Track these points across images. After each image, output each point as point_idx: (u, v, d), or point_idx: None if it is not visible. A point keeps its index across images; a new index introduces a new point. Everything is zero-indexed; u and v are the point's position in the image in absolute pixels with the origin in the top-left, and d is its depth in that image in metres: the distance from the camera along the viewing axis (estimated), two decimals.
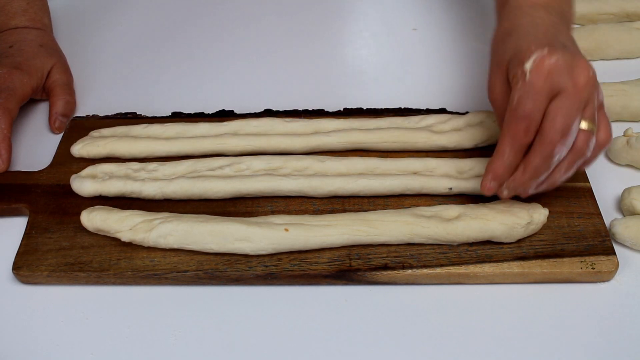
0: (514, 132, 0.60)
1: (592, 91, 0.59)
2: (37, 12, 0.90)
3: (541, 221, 0.67)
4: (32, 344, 0.63)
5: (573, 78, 0.58)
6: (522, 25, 0.65)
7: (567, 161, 0.61)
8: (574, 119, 0.58)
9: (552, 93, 0.59)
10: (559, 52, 0.59)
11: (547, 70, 0.58)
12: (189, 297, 0.66)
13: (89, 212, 0.68)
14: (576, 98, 0.58)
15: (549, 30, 0.64)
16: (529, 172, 0.61)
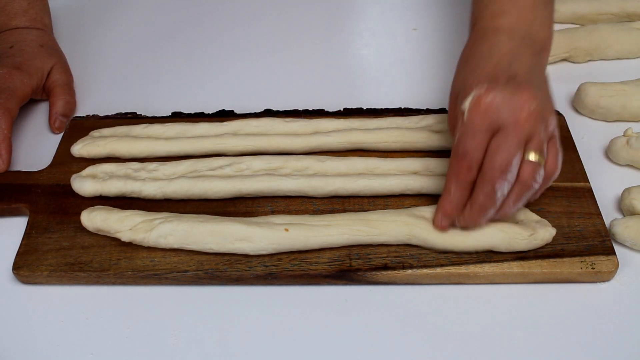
0: (456, 170, 0.62)
1: (536, 124, 0.59)
2: (38, 12, 0.90)
3: (545, 239, 0.67)
4: (32, 344, 0.63)
5: (513, 114, 0.59)
6: (478, 53, 0.65)
7: (515, 194, 0.61)
8: (514, 154, 0.59)
9: (492, 130, 0.59)
10: (498, 89, 0.59)
11: (484, 108, 0.59)
12: (189, 297, 0.66)
13: (89, 212, 0.68)
14: (516, 134, 0.59)
15: (503, 59, 0.63)
16: (475, 209, 0.62)
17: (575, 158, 0.76)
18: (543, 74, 0.65)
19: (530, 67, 0.63)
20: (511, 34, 0.66)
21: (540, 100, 0.60)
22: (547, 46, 0.69)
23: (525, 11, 0.67)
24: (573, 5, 0.96)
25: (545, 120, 0.60)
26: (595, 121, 0.83)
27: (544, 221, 0.68)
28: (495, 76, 0.61)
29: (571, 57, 0.91)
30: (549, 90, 0.65)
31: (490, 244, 0.66)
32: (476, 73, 0.63)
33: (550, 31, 0.69)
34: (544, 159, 0.60)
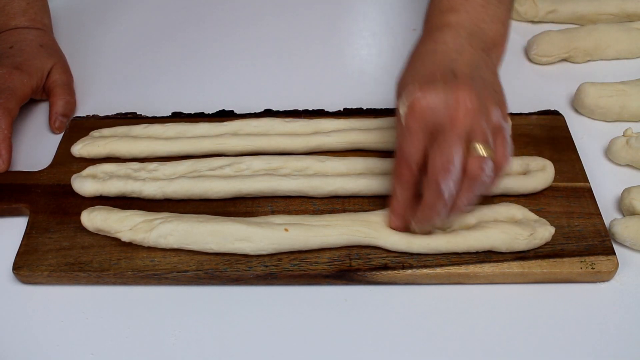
0: (398, 173, 0.63)
1: (476, 119, 0.59)
2: (37, 12, 0.90)
3: (545, 237, 0.67)
4: (32, 344, 0.63)
5: (449, 113, 0.59)
6: (423, 51, 0.65)
7: (465, 190, 0.61)
8: (454, 152, 0.59)
9: (430, 131, 0.60)
10: (433, 90, 0.59)
11: (419, 110, 0.59)
12: (189, 297, 0.66)
13: (90, 212, 0.68)
14: (454, 132, 0.59)
15: (445, 57, 0.63)
16: (426, 209, 0.62)
17: (575, 158, 0.76)
18: (491, 70, 0.65)
19: (475, 64, 0.63)
20: (458, 30, 0.65)
21: (478, 95, 0.59)
22: (499, 43, 0.68)
23: (475, 7, 0.67)
24: (573, 5, 0.96)
25: (486, 113, 0.60)
26: (595, 121, 0.84)
27: (543, 220, 0.68)
28: (433, 75, 0.61)
29: (571, 57, 0.91)
30: (498, 85, 0.65)
31: (490, 245, 0.66)
32: (417, 72, 0.63)
33: (505, 28, 0.69)
34: (491, 151, 0.60)
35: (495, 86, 0.64)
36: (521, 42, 0.95)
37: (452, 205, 0.62)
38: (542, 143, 0.78)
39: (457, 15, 0.67)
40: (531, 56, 0.92)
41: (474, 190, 0.61)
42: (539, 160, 0.73)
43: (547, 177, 0.72)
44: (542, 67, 0.92)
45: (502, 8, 0.69)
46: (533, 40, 0.92)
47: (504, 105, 0.64)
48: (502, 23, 0.68)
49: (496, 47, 0.68)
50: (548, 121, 0.80)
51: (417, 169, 0.61)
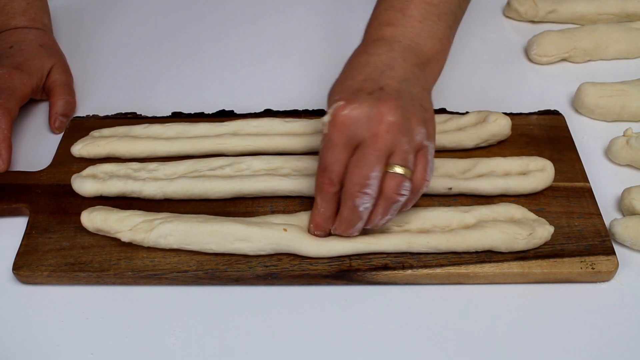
0: (319, 183, 0.62)
1: (397, 136, 0.59)
2: (37, 12, 0.89)
3: (544, 237, 0.66)
4: (32, 344, 0.63)
5: (371, 127, 0.59)
6: (356, 62, 0.65)
7: (381, 207, 0.61)
8: (372, 169, 0.59)
9: (351, 144, 0.60)
10: (357, 102, 0.59)
11: (341, 123, 0.59)
12: (189, 297, 0.66)
13: (89, 212, 0.68)
14: (374, 148, 0.58)
15: (376, 70, 0.63)
16: (342, 221, 0.63)
17: (575, 158, 0.76)
18: (422, 86, 0.64)
19: (405, 78, 0.63)
20: (392, 44, 0.65)
21: (403, 112, 0.59)
22: (435, 59, 0.68)
23: (412, 22, 0.67)
24: (573, 5, 0.96)
25: (409, 131, 0.60)
26: (595, 121, 0.84)
27: (542, 220, 0.68)
28: (361, 88, 0.61)
29: (571, 57, 0.91)
30: (427, 101, 0.64)
31: (489, 244, 0.66)
32: (345, 84, 0.63)
33: (442, 45, 0.68)
34: (409, 171, 0.60)
35: (424, 102, 0.63)
36: (521, 42, 0.95)
37: (368, 219, 0.62)
38: (542, 143, 0.78)
39: (393, 29, 0.67)
40: (531, 56, 0.92)
41: (389, 208, 0.61)
42: (539, 160, 0.73)
43: (547, 177, 0.72)
44: (542, 67, 0.92)
45: (441, 25, 0.68)
46: (533, 40, 0.92)
47: (431, 123, 0.63)
48: (440, 40, 0.68)
49: (431, 63, 0.67)
50: (548, 121, 0.80)
51: (338, 181, 0.61)
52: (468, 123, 0.78)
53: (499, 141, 0.78)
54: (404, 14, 0.67)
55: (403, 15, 0.67)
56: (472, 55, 0.94)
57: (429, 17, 0.67)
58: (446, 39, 0.69)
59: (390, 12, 0.68)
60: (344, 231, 0.64)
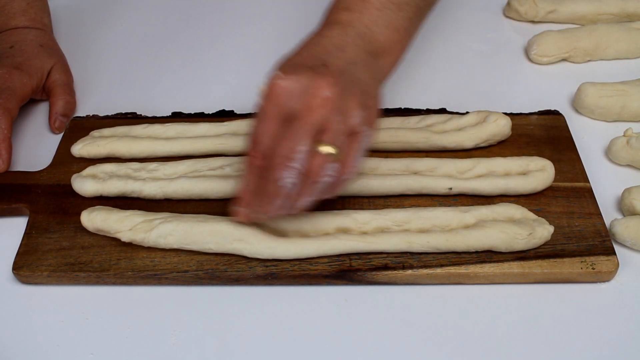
0: (250, 155, 0.60)
1: (331, 112, 0.57)
2: (37, 12, 0.89)
3: (544, 237, 0.66)
4: (32, 344, 0.63)
5: (304, 100, 0.57)
6: (307, 43, 0.64)
7: (303, 186, 0.59)
8: (300, 142, 0.56)
9: (284, 117, 0.57)
10: (295, 75, 0.57)
11: (275, 94, 0.57)
12: (189, 297, 0.66)
13: (89, 212, 0.68)
14: (305, 121, 0.56)
15: (321, 51, 0.61)
16: (263, 196, 0.60)
17: (575, 158, 0.76)
18: (371, 73, 0.63)
19: (353, 62, 0.61)
20: (347, 28, 0.64)
21: (341, 90, 0.57)
22: (391, 49, 0.66)
23: (370, 9, 0.65)
24: (573, 5, 0.96)
25: (345, 111, 0.58)
26: (595, 121, 0.84)
27: (542, 220, 0.68)
28: (303, 63, 0.59)
29: (571, 57, 0.91)
30: (374, 89, 0.62)
31: (489, 244, 0.66)
32: (289, 59, 0.61)
33: (399, 35, 0.66)
34: (337, 152, 0.58)
35: (370, 89, 0.62)
36: (521, 42, 0.95)
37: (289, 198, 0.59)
38: (542, 143, 0.78)
39: (350, 14, 0.65)
40: (531, 56, 0.92)
41: (312, 189, 0.59)
42: (539, 160, 0.73)
43: (547, 177, 0.72)
44: (542, 67, 0.92)
45: (401, 15, 0.67)
46: (533, 40, 0.92)
47: (373, 111, 0.61)
48: (397, 30, 0.66)
49: (386, 53, 0.66)
50: (548, 121, 0.80)
51: (266, 155, 0.58)
52: (468, 123, 0.78)
53: (499, 141, 0.78)
54: (363, 0, 0.66)
55: (362, 1, 0.66)
56: (472, 55, 0.94)
57: (388, 5, 0.66)
58: (404, 29, 0.67)
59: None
60: (264, 208, 0.61)
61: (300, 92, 0.57)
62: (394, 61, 0.67)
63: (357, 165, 0.60)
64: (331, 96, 0.57)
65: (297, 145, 0.56)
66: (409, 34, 0.68)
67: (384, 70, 0.66)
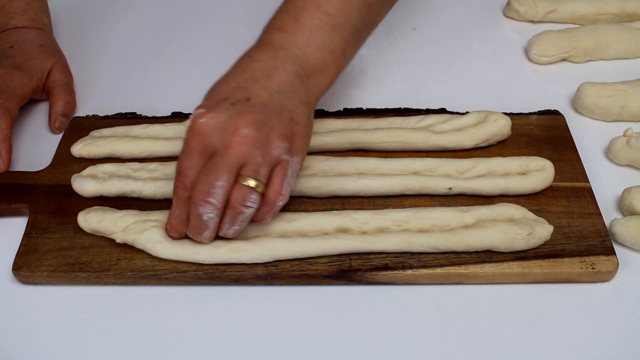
0: (175, 187, 0.62)
1: (250, 149, 0.59)
2: (37, 11, 0.89)
3: (544, 236, 0.66)
4: (32, 344, 0.63)
5: (224, 138, 0.59)
6: (237, 66, 0.65)
7: (228, 216, 0.62)
8: (218, 179, 0.59)
9: (207, 152, 0.60)
10: (216, 112, 0.59)
11: (197, 130, 0.59)
12: (189, 297, 0.66)
13: (85, 213, 0.68)
14: (224, 159, 0.59)
15: (249, 80, 0.62)
16: (191, 228, 0.63)
17: (575, 158, 0.76)
18: (299, 98, 0.64)
19: (279, 90, 0.62)
20: (277, 50, 0.64)
21: (262, 125, 0.59)
22: (323, 71, 0.66)
23: (303, 31, 0.66)
24: (573, 5, 0.96)
25: (265, 145, 0.60)
26: (595, 121, 0.84)
27: (541, 219, 0.68)
28: (227, 97, 0.61)
29: (571, 57, 0.91)
30: (301, 114, 0.63)
31: (489, 244, 0.66)
32: (217, 89, 0.63)
33: (333, 57, 0.67)
34: (260, 184, 0.60)
35: (295, 116, 0.63)
36: (521, 42, 0.95)
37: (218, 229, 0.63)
38: (542, 143, 0.78)
39: (282, 35, 0.66)
40: (531, 56, 0.92)
41: (236, 219, 0.61)
42: (539, 160, 0.73)
43: (547, 177, 0.72)
44: (542, 67, 0.92)
45: (335, 37, 0.67)
46: (533, 40, 0.92)
47: (299, 137, 0.63)
48: (330, 51, 0.66)
49: (318, 74, 0.66)
50: (548, 121, 0.80)
51: (190, 187, 0.61)
52: (468, 123, 0.78)
53: (499, 141, 0.78)
54: (297, 20, 0.66)
55: (295, 22, 0.66)
56: (472, 55, 0.94)
57: (321, 27, 0.66)
58: (339, 51, 0.67)
59: (284, 17, 0.67)
60: (194, 237, 0.64)
61: (219, 130, 0.59)
62: (327, 81, 0.68)
63: (289, 192, 0.63)
64: (249, 134, 0.59)
65: (215, 181, 0.59)
66: (344, 54, 0.68)
67: (315, 92, 0.67)
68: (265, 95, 0.62)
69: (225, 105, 0.60)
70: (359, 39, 0.71)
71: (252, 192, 0.60)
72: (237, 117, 0.59)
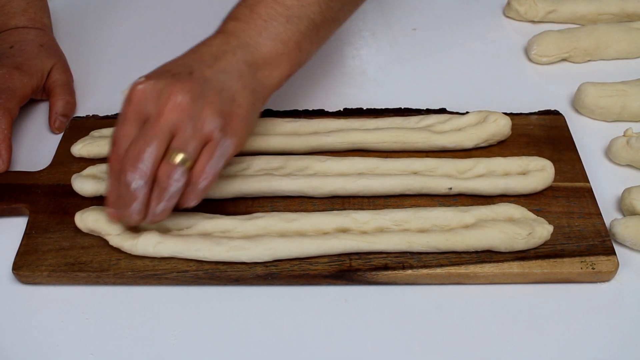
0: (109, 158, 0.61)
1: (182, 118, 0.58)
2: (37, 11, 0.89)
3: (544, 236, 0.66)
4: (32, 344, 0.63)
5: (158, 105, 0.58)
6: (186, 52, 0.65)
7: (157, 192, 0.60)
8: (148, 145, 0.57)
9: (141, 120, 0.59)
10: (155, 80, 0.59)
11: (133, 97, 0.59)
12: (189, 297, 0.66)
13: (82, 213, 0.68)
14: (155, 125, 0.57)
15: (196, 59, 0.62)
16: (120, 200, 0.61)
17: (575, 158, 0.76)
18: (244, 84, 0.63)
19: (223, 71, 0.62)
20: (229, 38, 0.65)
21: (198, 96, 0.58)
22: (274, 61, 0.66)
23: (256, 20, 0.66)
24: (573, 5, 0.96)
25: (198, 118, 0.58)
26: (595, 121, 0.84)
27: (541, 219, 0.68)
28: (169, 70, 0.60)
29: (571, 57, 0.91)
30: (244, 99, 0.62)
31: (489, 244, 0.66)
32: (163, 66, 0.62)
33: (285, 48, 0.66)
34: (188, 160, 0.59)
35: (238, 98, 0.62)
36: (521, 42, 0.95)
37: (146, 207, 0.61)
38: (542, 143, 0.78)
39: (237, 24, 0.66)
40: (531, 56, 0.92)
41: (163, 195, 0.60)
42: (539, 160, 0.73)
43: (547, 177, 0.72)
44: (542, 67, 0.92)
45: (291, 28, 0.66)
46: (533, 40, 0.92)
47: (237, 119, 0.62)
48: (284, 42, 0.66)
49: (270, 65, 0.66)
50: (548, 121, 0.80)
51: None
52: (468, 123, 0.78)
53: (499, 141, 0.78)
54: (252, 10, 0.66)
55: (250, 11, 0.66)
56: (472, 55, 0.94)
57: (276, 17, 0.66)
58: (293, 42, 0.67)
59: (241, 7, 0.67)
60: (123, 212, 0.61)
61: (154, 96, 0.58)
62: (281, 73, 0.67)
63: (213, 174, 0.61)
64: (183, 101, 0.58)
65: (145, 147, 0.58)
66: (299, 47, 0.68)
67: (265, 82, 0.66)
68: (208, 73, 0.61)
69: (165, 75, 0.60)
70: (318, 35, 0.70)
71: (178, 168, 0.58)
72: (174, 84, 0.58)
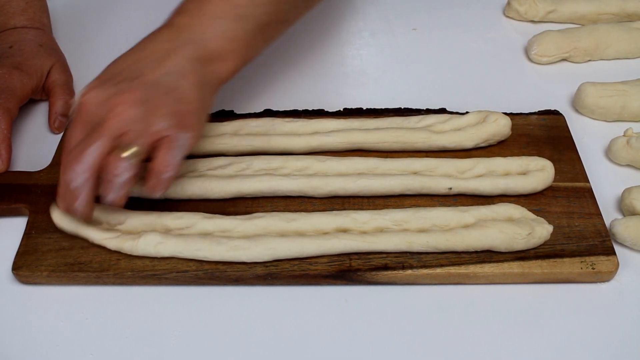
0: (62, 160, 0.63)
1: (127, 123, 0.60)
2: (36, 11, 0.89)
3: (543, 236, 0.66)
4: (32, 344, 0.63)
5: (103, 114, 0.61)
6: (134, 48, 0.66)
7: (104, 184, 0.62)
8: (88, 146, 0.60)
9: (90, 126, 0.62)
10: (102, 89, 0.62)
11: (81, 107, 0.62)
12: (189, 297, 0.66)
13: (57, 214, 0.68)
14: (100, 131, 0.60)
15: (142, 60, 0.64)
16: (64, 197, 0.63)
17: (575, 158, 0.76)
18: (194, 81, 0.64)
19: (170, 72, 0.64)
20: (178, 33, 0.66)
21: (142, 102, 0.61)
22: (223, 58, 0.67)
23: (204, 16, 0.67)
24: (573, 5, 0.96)
25: (144, 121, 0.61)
26: (595, 121, 0.84)
27: (541, 219, 0.68)
28: (114, 77, 0.63)
29: (571, 57, 0.91)
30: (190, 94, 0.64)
31: (489, 244, 0.66)
32: (110, 69, 0.65)
33: (234, 45, 0.67)
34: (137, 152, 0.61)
35: (187, 95, 0.63)
36: (521, 42, 0.95)
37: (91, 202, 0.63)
38: (542, 143, 0.78)
39: (185, 18, 0.67)
40: (531, 56, 0.92)
41: (112, 187, 0.62)
42: (539, 160, 0.73)
43: (547, 177, 0.72)
44: (542, 67, 0.92)
45: (239, 27, 0.67)
46: (533, 40, 0.92)
47: (189, 115, 0.63)
48: (231, 40, 0.67)
49: (218, 61, 0.67)
50: (548, 121, 0.80)
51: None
52: (468, 123, 0.78)
53: (499, 141, 0.78)
54: (201, 6, 0.67)
55: (199, 7, 0.67)
56: (472, 55, 0.94)
57: (224, 15, 0.67)
58: (241, 40, 0.68)
59: (191, 2, 0.69)
60: (69, 207, 0.64)
61: (100, 107, 0.62)
62: (228, 69, 0.68)
63: (175, 164, 0.63)
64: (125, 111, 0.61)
65: (86, 149, 0.60)
66: (247, 45, 0.69)
67: (213, 76, 0.67)
68: (153, 76, 0.63)
69: (109, 84, 0.63)
70: (268, 33, 0.71)
71: (125, 160, 0.61)
72: (116, 96, 0.61)
